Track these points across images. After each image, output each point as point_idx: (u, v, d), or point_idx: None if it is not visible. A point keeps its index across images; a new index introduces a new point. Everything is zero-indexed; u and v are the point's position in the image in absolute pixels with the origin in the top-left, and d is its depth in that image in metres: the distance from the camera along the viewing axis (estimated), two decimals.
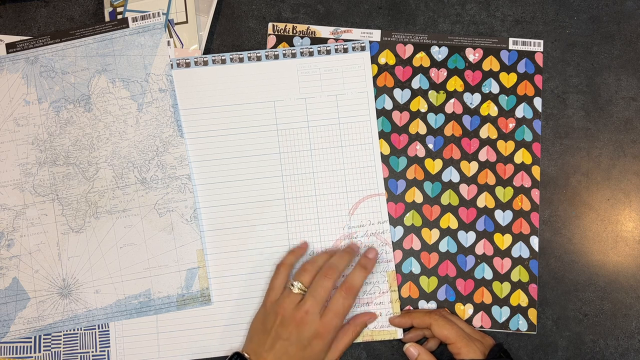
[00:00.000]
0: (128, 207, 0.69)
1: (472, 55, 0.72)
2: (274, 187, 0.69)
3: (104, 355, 0.68)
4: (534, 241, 0.69)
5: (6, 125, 0.70)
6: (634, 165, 0.71)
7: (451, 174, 0.70)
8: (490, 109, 0.71)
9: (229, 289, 0.68)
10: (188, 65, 0.70)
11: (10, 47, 0.71)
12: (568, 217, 0.70)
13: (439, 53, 0.72)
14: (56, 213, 0.69)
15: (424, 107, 0.71)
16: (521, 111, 0.71)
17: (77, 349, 0.68)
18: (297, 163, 0.70)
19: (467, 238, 0.69)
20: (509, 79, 0.71)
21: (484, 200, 0.70)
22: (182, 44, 0.71)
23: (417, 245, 0.69)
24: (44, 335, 0.68)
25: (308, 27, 0.73)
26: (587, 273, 0.69)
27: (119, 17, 0.71)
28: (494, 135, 0.71)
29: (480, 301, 0.68)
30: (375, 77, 0.71)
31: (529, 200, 0.70)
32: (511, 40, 0.72)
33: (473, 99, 0.71)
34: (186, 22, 0.71)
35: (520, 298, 0.68)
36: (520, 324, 0.68)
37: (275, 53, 0.71)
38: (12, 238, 0.69)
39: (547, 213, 0.70)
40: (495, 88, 0.71)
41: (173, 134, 0.69)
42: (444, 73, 0.72)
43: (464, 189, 0.70)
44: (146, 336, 0.68)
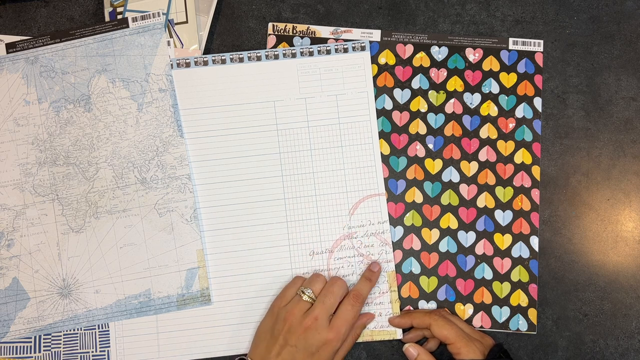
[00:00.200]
0: (128, 207, 0.69)
1: (472, 55, 0.72)
2: (274, 187, 0.69)
3: (104, 355, 0.68)
4: (534, 241, 0.69)
5: (6, 125, 0.70)
6: (634, 165, 0.71)
7: (451, 174, 0.70)
8: (490, 109, 0.71)
9: (229, 289, 0.68)
10: (188, 65, 0.70)
11: (10, 47, 0.71)
12: (568, 217, 0.70)
13: (439, 53, 0.72)
14: (56, 213, 0.69)
15: (424, 107, 0.71)
16: (521, 111, 0.71)
17: (77, 349, 0.68)
18: (297, 163, 0.70)
19: (467, 238, 0.69)
20: (509, 79, 0.71)
21: (484, 200, 0.70)
22: (182, 44, 0.71)
23: (417, 245, 0.69)
24: (44, 335, 0.68)
25: (308, 27, 0.73)
26: (587, 273, 0.69)
27: (119, 17, 0.71)
28: (494, 135, 0.71)
29: (480, 301, 0.68)
30: (375, 77, 0.71)
31: (529, 200, 0.70)
32: (511, 40, 0.72)
33: (473, 99, 0.71)
34: (186, 22, 0.71)
35: (520, 298, 0.68)
36: (520, 324, 0.68)
37: (275, 53, 0.71)
38: (12, 238, 0.69)
39: (547, 213, 0.70)
40: (495, 88, 0.71)
41: (173, 134, 0.69)
42: (444, 73, 0.72)
43: (464, 189, 0.70)
44: (146, 336, 0.68)
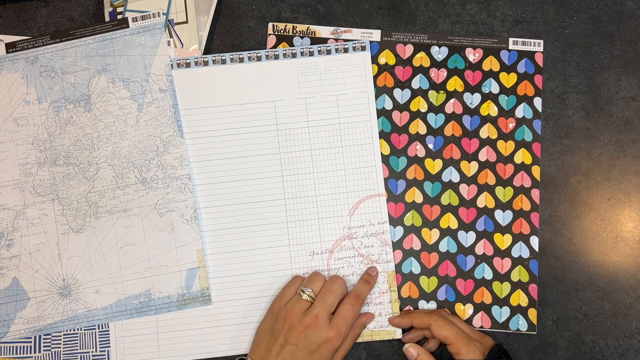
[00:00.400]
0: (128, 207, 0.69)
1: (472, 55, 0.72)
2: (274, 187, 0.69)
3: (104, 355, 0.68)
4: (534, 241, 0.69)
5: (6, 125, 0.70)
6: (634, 165, 0.71)
7: (451, 174, 0.70)
8: (490, 109, 0.71)
9: (229, 289, 0.68)
10: (188, 65, 0.70)
11: (10, 47, 0.71)
12: (568, 217, 0.70)
13: (439, 53, 0.72)
14: (56, 213, 0.69)
15: (424, 107, 0.71)
16: (521, 111, 0.71)
17: (77, 349, 0.68)
18: (297, 163, 0.70)
19: (467, 238, 0.69)
20: (509, 79, 0.71)
21: (484, 200, 0.70)
22: (182, 44, 0.71)
23: (417, 245, 0.69)
24: (44, 335, 0.68)
25: (308, 27, 0.73)
26: (587, 273, 0.69)
27: (119, 17, 0.71)
28: (494, 135, 0.71)
29: (480, 301, 0.68)
30: (375, 77, 0.71)
31: (529, 200, 0.70)
32: (511, 40, 0.72)
33: (473, 99, 0.71)
34: (186, 22, 0.71)
35: (520, 298, 0.68)
36: (520, 324, 0.68)
37: (275, 53, 0.71)
38: (12, 238, 0.69)
39: (547, 213, 0.70)
40: (495, 88, 0.71)
41: (173, 134, 0.69)
42: (444, 73, 0.72)
43: (464, 189, 0.70)
44: (146, 336, 0.68)
